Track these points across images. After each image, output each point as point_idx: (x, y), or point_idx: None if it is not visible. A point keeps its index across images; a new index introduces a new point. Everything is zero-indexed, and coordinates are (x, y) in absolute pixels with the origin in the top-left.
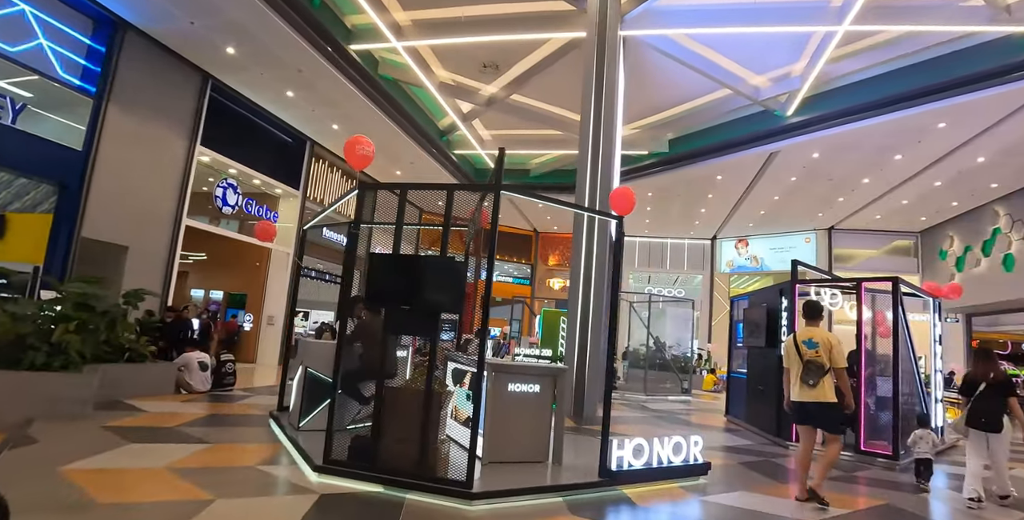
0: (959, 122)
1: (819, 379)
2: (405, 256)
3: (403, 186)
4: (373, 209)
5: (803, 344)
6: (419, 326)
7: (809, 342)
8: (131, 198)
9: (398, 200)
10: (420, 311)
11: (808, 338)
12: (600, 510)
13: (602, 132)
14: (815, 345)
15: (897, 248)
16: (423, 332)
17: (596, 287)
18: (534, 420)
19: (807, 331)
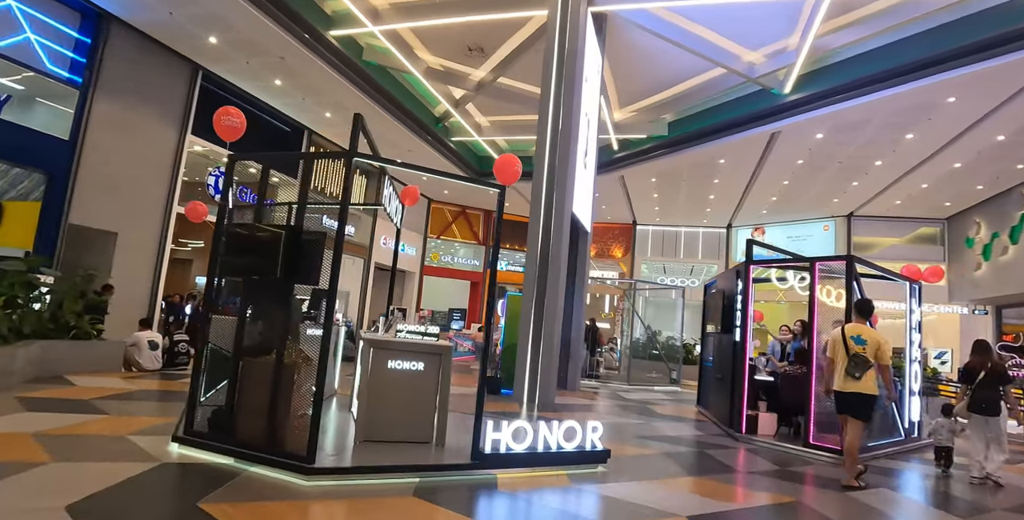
0: (970, 96)
1: (864, 373)
2: (258, 227)
3: (267, 156)
4: (265, 180)
5: (851, 339)
6: (272, 297)
7: (858, 338)
8: (120, 186)
9: (260, 172)
10: (272, 282)
11: (857, 334)
12: (450, 493)
13: (561, 114)
14: (863, 342)
15: (922, 236)
16: (276, 303)
17: (552, 271)
18: (417, 399)
19: (856, 327)
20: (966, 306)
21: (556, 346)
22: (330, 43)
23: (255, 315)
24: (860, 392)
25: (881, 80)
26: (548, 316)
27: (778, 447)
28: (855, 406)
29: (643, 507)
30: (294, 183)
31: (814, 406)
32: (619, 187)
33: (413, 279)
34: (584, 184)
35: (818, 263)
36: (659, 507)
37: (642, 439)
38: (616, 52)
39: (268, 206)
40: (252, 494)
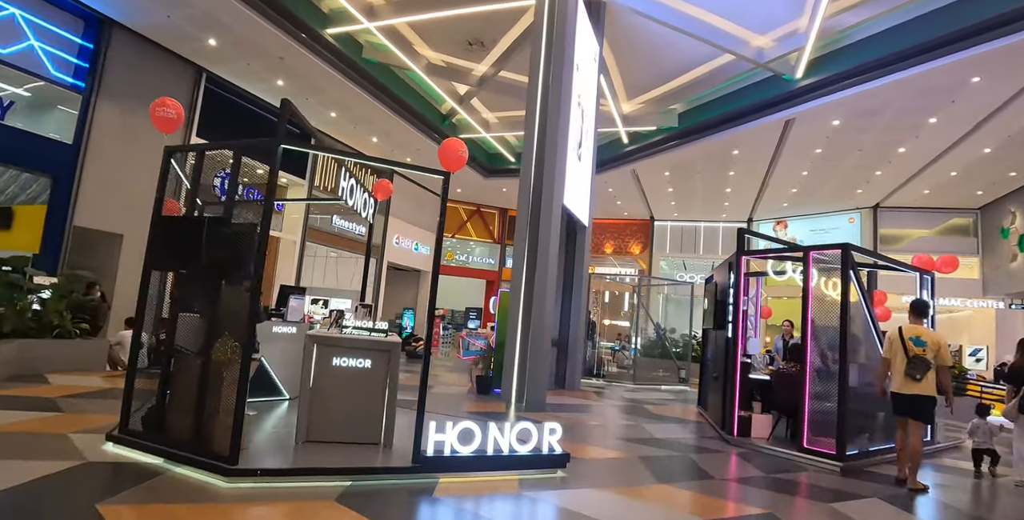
0: (995, 74)
1: (924, 375)
2: (187, 219)
3: (200, 147)
4: (199, 170)
5: (910, 340)
6: (200, 292)
7: (917, 339)
8: (124, 188)
9: (195, 163)
10: (200, 276)
11: (916, 335)
12: (378, 499)
13: (549, 101)
14: (923, 343)
15: (954, 227)
16: (204, 298)
17: (541, 265)
18: (364, 398)
19: (914, 328)
20: (1002, 300)
21: (546, 344)
22: (327, 42)
23: (185, 310)
24: (921, 394)
25: (897, 61)
26: (536, 312)
27: (770, 451)
28: (916, 408)
29: (583, 518)
30: (302, 183)
31: (808, 407)
32: (633, 182)
33: (427, 278)
34: (580, 177)
35: (813, 252)
36: (601, 517)
37: (623, 441)
38: (619, 42)
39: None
40: (161, 496)
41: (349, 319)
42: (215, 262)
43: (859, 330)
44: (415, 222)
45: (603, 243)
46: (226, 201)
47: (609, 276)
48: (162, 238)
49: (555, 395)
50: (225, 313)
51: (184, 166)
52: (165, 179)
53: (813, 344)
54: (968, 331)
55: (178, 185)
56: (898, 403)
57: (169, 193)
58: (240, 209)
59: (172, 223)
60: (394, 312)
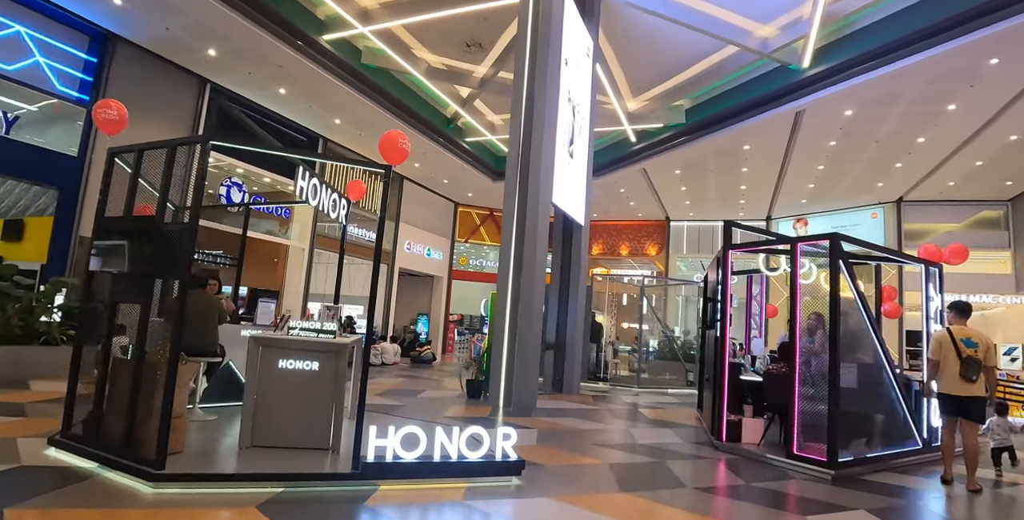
0: (1015, 55)
1: (978, 376)
2: (119, 219)
3: (139, 147)
4: (136, 174)
5: (961, 342)
6: (131, 292)
7: (968, 341)
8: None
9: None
10: (131, 276)
11: (967, 337)
12: (304, 507)
13: (535, 95)
14: (974, 344)
15: (983, 220)
16: (135, 299)
17: (528, 265)
18: (312, 402)
19: (963, 329)
20: None
21: (535, 347)
22: (325, 49)
23: (121, 312)
24: (977, 395)
25: (907, 45)
26: (524, 314)
27: (758, 457)
28: (971, 409)
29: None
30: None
31: (798, 410)
32: (644, 182)
33: (441, 284)
34: (573, 175)
35: (800, 244)
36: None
37: (601, 447)
38: (619, 38)
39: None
40: (76, 501)
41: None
42: (146, 262)
43: (854, 326)
44: (427, 227)
45: (619, 245)
46: (158, 200)
47: (611, 276)
48: (102, 240)
49: (552, 399)
50: (160, 315)
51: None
52: (109, 181)
53: (802, 342)
54: (1002, 329)
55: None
56: (951, 405)
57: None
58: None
59: (111, 225)
60: (409, 318)
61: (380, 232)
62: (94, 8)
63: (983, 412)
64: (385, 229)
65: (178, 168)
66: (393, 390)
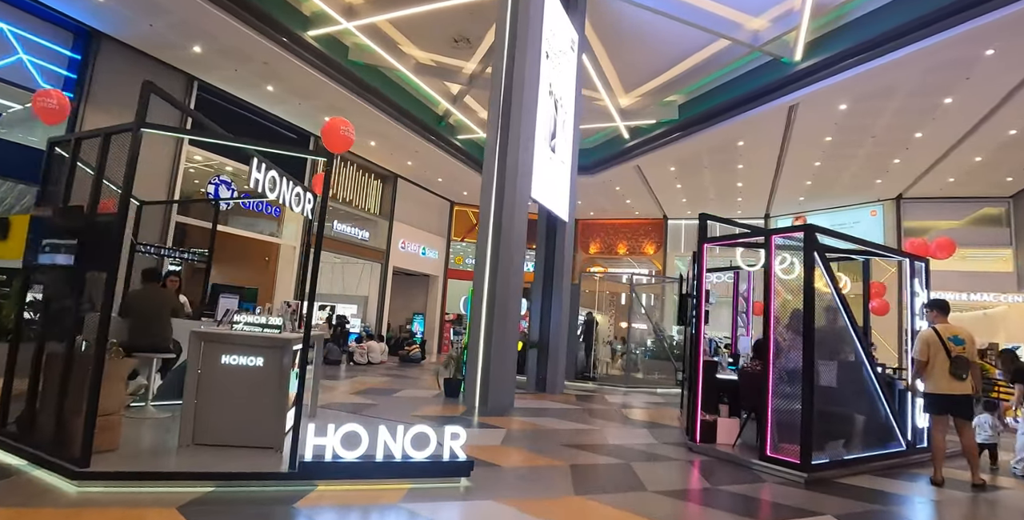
0: (1011, 45)
1: (968, 373)
2: (56, 211)
3: (77, 136)
4: (73, 164)
5: (949, 340)
6: (62, 285)
7: (955, 339)
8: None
9: (70, 157)
10: (62, 269)
11: (954, 335)
12: (227, 508)
13: (513, 87)
14: (962, 342)
15: (984, 217)
16: (65, 293)
17: (504, 264)
18: (257, 399)
19: (949, 327)
20: None
21: (512, 345)
22: (310, 44)
23: (52, 307)
24: (966, 393)
25: (899, 36)
26: (500, 311)
27: (731, 459)
28: (961, 407)
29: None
30: None
31: (772, 411)
32: (640, 180)
33: (437, 283)
34: (554, 170)
35: (775, 236)
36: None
37: (567, 448)
38: (608, 32)
39: None
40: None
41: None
42: (76, 255)
43: (830, 322)
44: (422, 226)
45: (616, 244)
46: (91, 192)
47: (598, 274)
48: (40, 234)
49: (534, 398)
50: (88, 309)
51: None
52: (49, 171)
53: (776, 339)
54: (1004, 327)
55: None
56: (941, 404)
57: None
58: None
59: (47, 217)
60: (404, 317)
61: (320, 225)
62: (77, 5)
63: (972, 409)
64: (379, 228)
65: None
66: (371, 389)
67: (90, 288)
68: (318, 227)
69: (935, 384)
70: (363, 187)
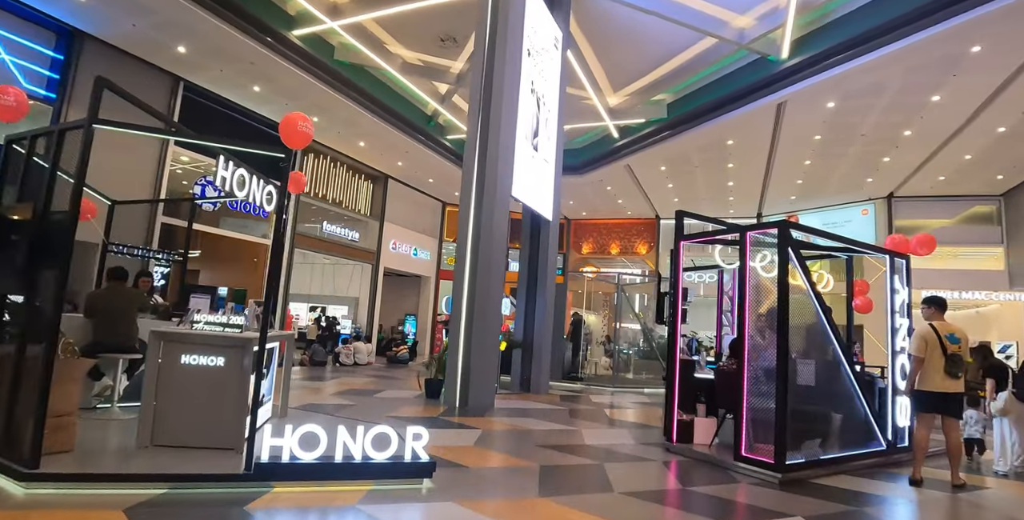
0: (997, 42)
1: (962, 371)
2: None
3: (33, 133)
4: (28, 161)
5: (946, 338)
6: (14, 284)
7: (952, 337)
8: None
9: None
10: (13, 267)
11: (950, 333)
12: (175, 510)
13: (493, 88)
14: (958, 340)
15: (975, 215)
16: (17, 291)
17: (484, 263)
18: (217, 399)
19: (946, 325)
20: None
21: (492, 344)
22: (296, 45)
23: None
24: (959, 392)
25: (884, 33)
26: (480, 311)
27: (707, 459)
28: (953, 405)
29: None
30: None
31: (746, 410)
32: (631, 179)
33: (429, 284)
34: (537, 169)
35: (750, 232)
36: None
37: (541, 449)
38: (596, 31)
39: None
40: None
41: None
42: (17, 255)
43: (807, 321)
44: (413, 227)
45: (609, 244)
46: (45, 190)
47: (584, 273)
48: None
49: (517, 399)
50: (36, 308)
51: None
52: (5, 170)
53: (752, 338)
54: (997, 326)
55: None
56: (932, 401)
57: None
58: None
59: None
60: (396, 318)
61: (279, 220)
62: (59, 5)
63: (962, 408)
64: (370, 229)
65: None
66: (352, 390)
67: (42, 287)
68: (276, 223)
69: (930, 381)
70: (353, 188)
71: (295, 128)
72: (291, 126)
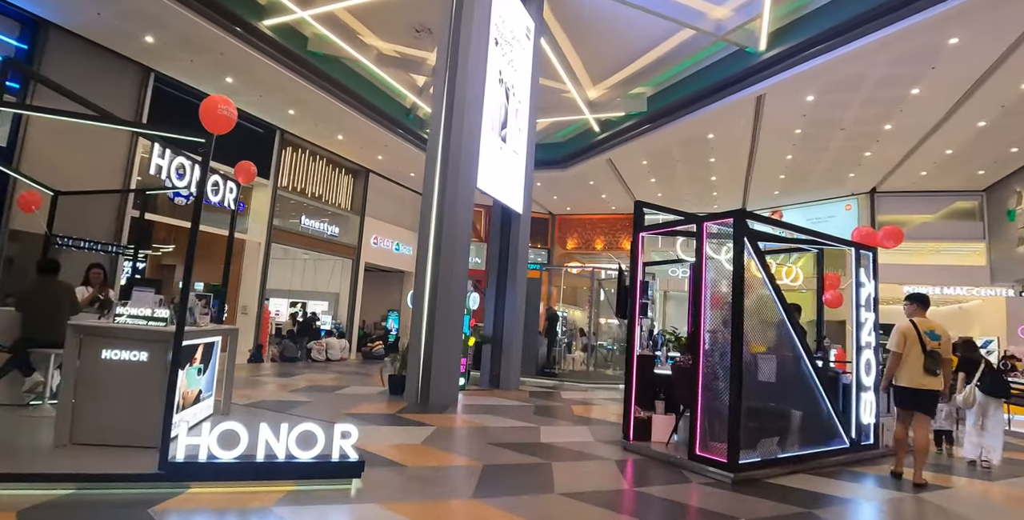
0: (975, 34)
1: (941, 369)
2: None
3: None
4: None
5: (926, 335)
6: None
7: (932, 333)
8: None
9: None
10: None
11: (930, 329)
12: (75, 513)
13: (457, 78)
14: (938, 337)
15: (958, 211)
16: None
17: (447, 256)
18: (143, 395)
19: (926, 322)
20: (1011, 287)
21: (455, 339)
22: (265, 34)
23: None
24: (935, 389)
25: (861, 24)
26: (442, 304)
27: (662, 458)
28: (926, 402)
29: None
30: (266, 183)
31: (701, 407)
32: (613, 173)
33: (411, 279)
34: (505, 160)
35: (707, 223)
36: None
37: (492, 447)
38: (572, 23)
39: None
40: None
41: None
42: None
43: (765, 315)
44: (396, 221)
45: (594, 239)
46: None
47: (547, 266)
48: None
49: (485, 395)
50: None
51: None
52: None
53: (708, 332)
54: (980, 322)
55: None
56: (908, 398)
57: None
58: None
59: None
60: (379, 314)
61: (198, 203)
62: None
63: (935, 405)
64: (350, 224)
65: None
66: (315, 386)
67: None
68: (196, 206)
69: (907, 377)
70: (333, 182)
71: (215, 112)
72: (211, 110)
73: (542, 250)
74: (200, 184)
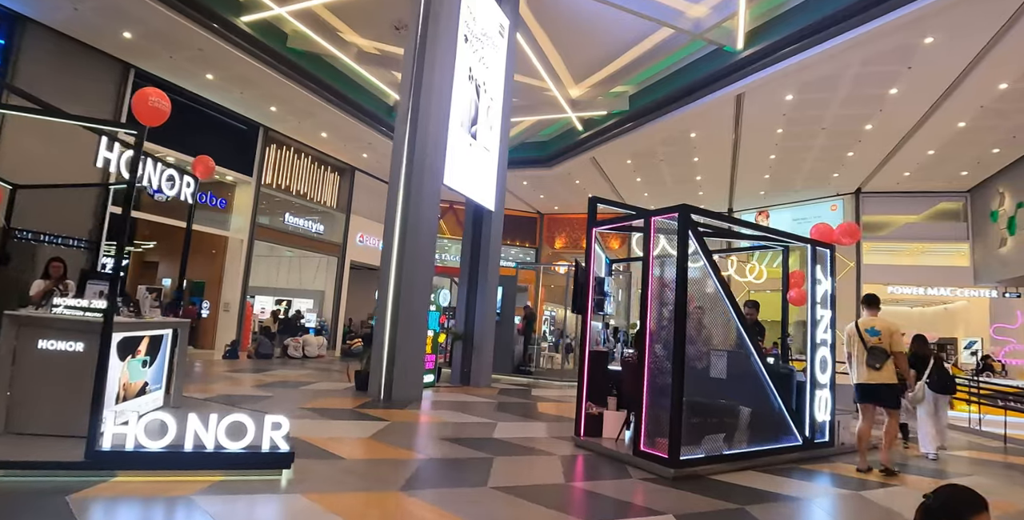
0: (951, 33)
1: (883, 363)
2: None
3: None
4: None
5: (866, 332)
6: None
7: (872, 330)
8: (45, 190)
9: None
10: None
11: (870, 326)
12: None
13: (424, 74)
14: (877, 332)
15: (943, 211)
16: None
17: (411, 250)
18: (78, 386)
19: (869, 320)
20: (994, 288)
21: (419, 335)
22: (244, 31)
23: None
24: (883, 383)
25: (836, 22)
26: (406, 299)
27: (607, 454)
28: (884, 395)
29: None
30: (249, 180)
31: (646, 403)
32: (598, 172)
33: None
34: (476, 157)
35: (655, 217)
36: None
37: (440, 441)
38: (552, 22)
39: None
40: None
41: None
42: None
43: (709, 312)
44: (381, 219)
45: (581, 238)
46: None
47: (524, 265)
48: None
49: (454, 391)
50: None
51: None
52: None
53: (654, 329)
54: (964, 321)
55: None
56: (863, 393)
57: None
58: None
59: None
60: (366, 312)
61: (130, 189)
62: None
63: (895, 398)
64: (336, 221)
65: None
66: (281, 382)
67: None
68: (127, 193)
69: (857, 374)
70: (319, 180)
71: (146, 104)
72: (142, 102)
73: (530, 249)
74: (131, 172)
